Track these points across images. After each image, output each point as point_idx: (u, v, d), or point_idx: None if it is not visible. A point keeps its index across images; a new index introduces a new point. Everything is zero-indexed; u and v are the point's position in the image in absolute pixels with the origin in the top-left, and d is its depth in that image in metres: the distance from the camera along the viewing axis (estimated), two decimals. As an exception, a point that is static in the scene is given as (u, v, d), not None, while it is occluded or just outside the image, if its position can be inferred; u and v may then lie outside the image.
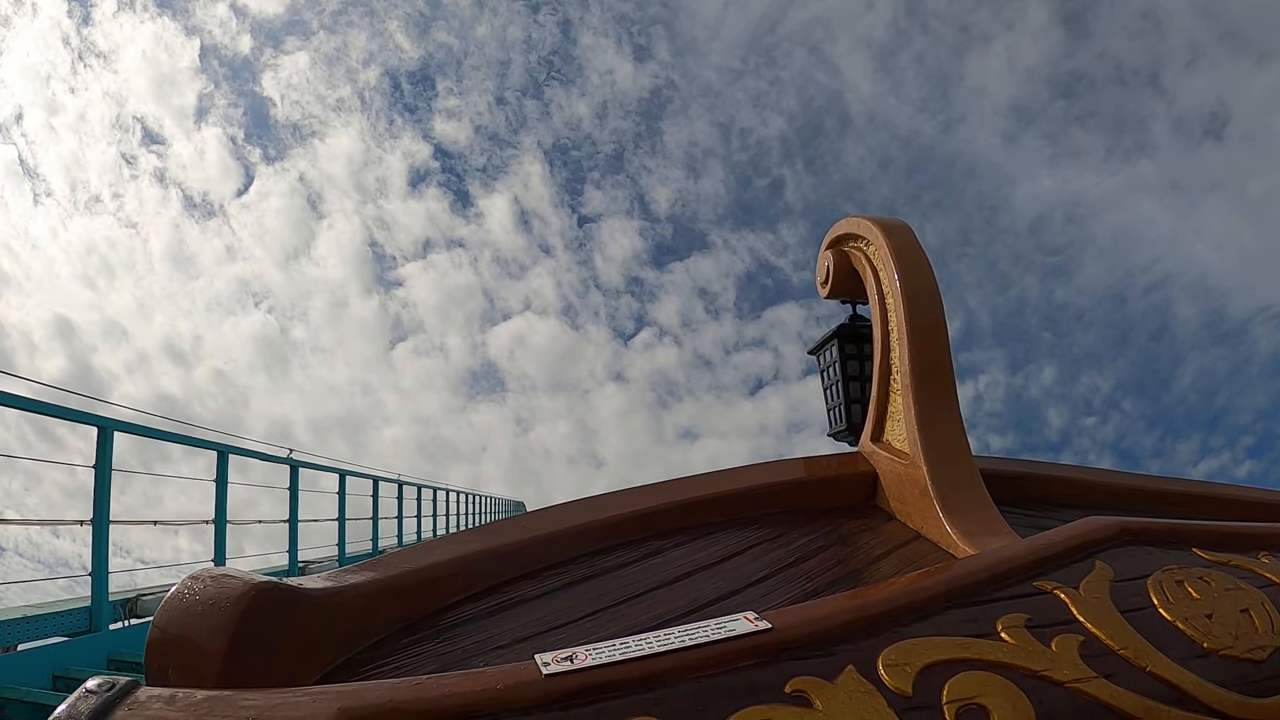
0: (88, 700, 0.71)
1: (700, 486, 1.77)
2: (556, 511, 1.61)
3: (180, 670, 0.99)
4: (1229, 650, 0.90)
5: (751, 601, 1.32)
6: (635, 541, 1.59)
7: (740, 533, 1.66)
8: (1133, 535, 1.12)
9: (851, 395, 2.49)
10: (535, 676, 0.76)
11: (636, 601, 1.33)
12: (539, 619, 1.27)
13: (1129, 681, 0.83)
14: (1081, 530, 1.12)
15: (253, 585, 1.04)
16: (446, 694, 0.73)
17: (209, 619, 1.00)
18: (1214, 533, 1.18)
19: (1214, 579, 1.03)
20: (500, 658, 1.14)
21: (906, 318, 1.81)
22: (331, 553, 10.26)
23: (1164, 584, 1.01)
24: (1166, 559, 1.08)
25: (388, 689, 0.75)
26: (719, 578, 1.43)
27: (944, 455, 1.66)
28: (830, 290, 2.27)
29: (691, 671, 0.78)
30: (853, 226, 2.11)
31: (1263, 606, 0.98)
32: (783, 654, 0.81)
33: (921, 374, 1.77)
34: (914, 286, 1.84)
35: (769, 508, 1.79)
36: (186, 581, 1.06)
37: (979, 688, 0.79)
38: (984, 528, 1.48)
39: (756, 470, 1.89)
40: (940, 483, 1.61)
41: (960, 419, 1.75)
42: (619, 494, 1.71)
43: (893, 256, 1.88)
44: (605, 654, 0.80)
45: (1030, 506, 1.84)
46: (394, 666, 1.13)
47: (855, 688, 0.77)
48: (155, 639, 1.01)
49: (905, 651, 0.82)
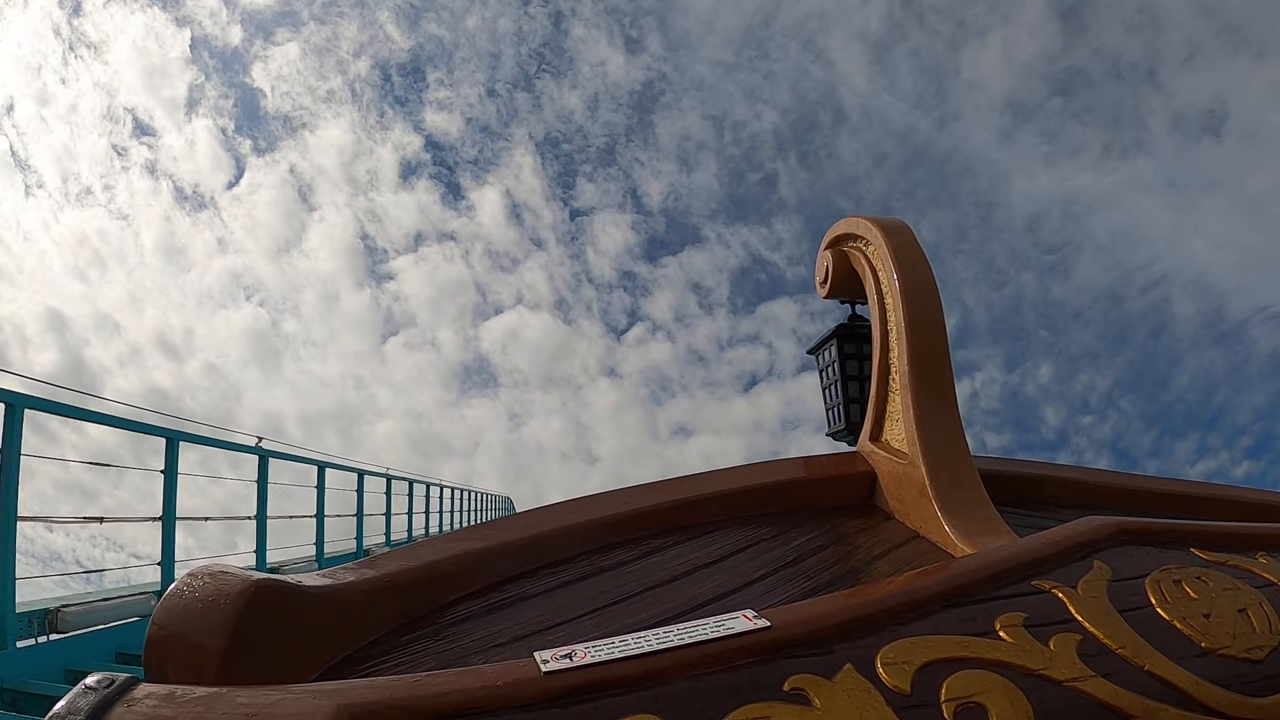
0: (87, 696, 0.71)
1: (699, 485, 1.77)
2: (555, 510, 1.61)
3: (179, 667, 0.99)
4: (1227, 650, 0.90)
5: (750, 600, 1.32)
6: (634, 540, 1.59)
7: (739, 531, 1.66)
8: (1131, 535, 1.13)
9: (850, 395, 2.50)
10: (534, 674, 0.76)
11: (635, 599, 1.33)
12: (538, 617, 1.27)
13: (1127, 680, 0.83)
14: (1080, 530, 1.12)
15: (252, 582, 1.04)
16: (446, 691, 0.74)
17: (208, 616, 1.00)
18: (1212, 533, 1.19)
19: (1212, 579, 1.04)
20: (500, 655, 1.14)
21: (905, 318, 1.81)
22: (309, 552, 9.40)
23: (1162, 583, 1.01)
24: (1164, 559, 1.08)
25: (387, 686, 0.75)
26: (718, 576, 1.43)
27: (943, 455, 1.67)
28: (829, 290, 2.27)
29: (690, 669, 0.78)
30: (852, 226, 2.11)
31: (1260, 606, 0.98)
32: (781, 652, 0.81)
33: (920, 374, 1.77)
34: (913, 286, 1.84)
35: (768, 507, 1.79)
36: (185, 578, 1.06)
37: (977, 686, 0.79)
38: (982, 527, 1.48)
39: (755, 469, 1.89)
40: (939, 482, 1.61)
41: (959, 419, 1.75)
42: (618, 492, 1.71)
43: (892, 256, 1.89)
44: (604, 651, 0.80)
45: (1029, 506, 1.84)
46: (393, 664, 1.13)
47: (854, 686, 0.77)
48: (154, 635, 1.01)
49: (904, 650, 0.83)
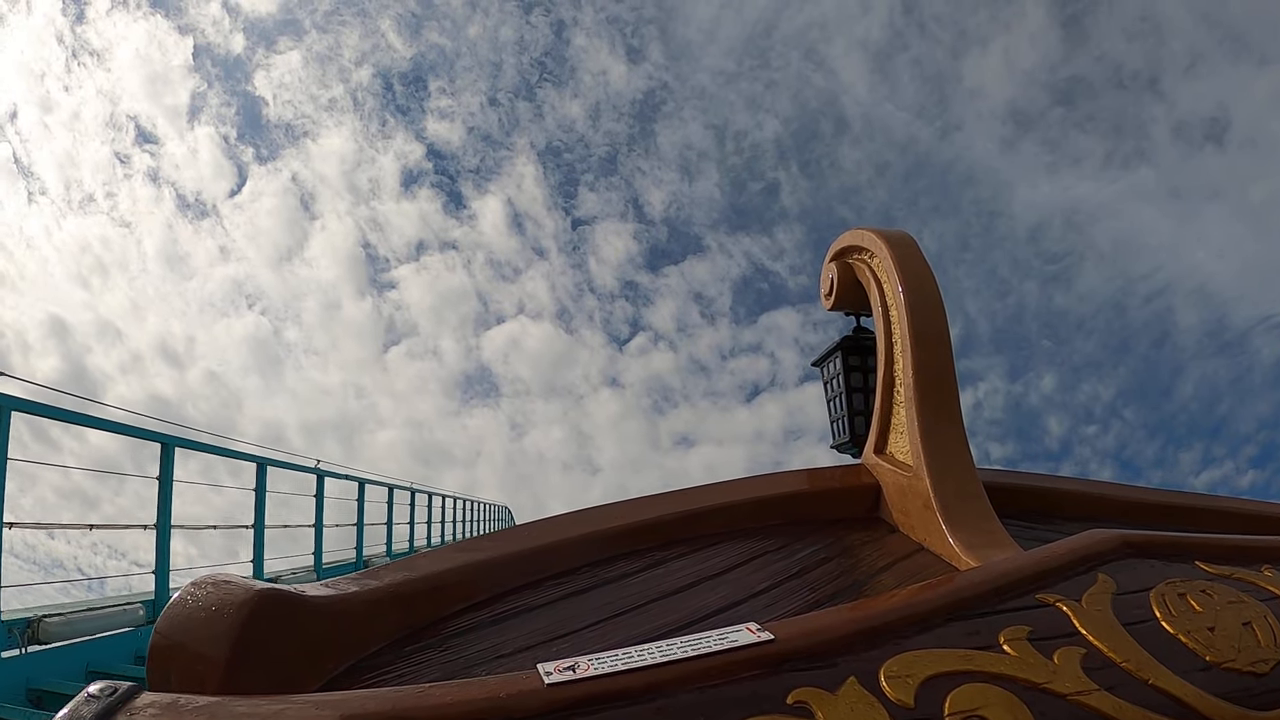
0: (90, 705, 0.71)
1: (703, 497, 1.77)
2: (560, 521, 1.61)
3: (182, 676, 0.99)
4: (1231, 663, 0.89)
5: (754, 612, 1.32)
6: (638, 552, 1.59)
7: (743, 544, 1.66)
8: (1135, 548, 1.12)
9: (855, 407, 2.50)
10: (538, 685, 0.76)
11: (639, 612, 1.33)
12: (542, 628, 1.27)
13: (1131, 694, 0.82)
14: (1084, 543, 1.12)
15: (255, 592, 1.04)
16: (449, 702, 0.74)
17: (211, 625, 1.00)
18: (1217, 545, 1.18)
19: (1217, 592, 1.03)
20: (503, 666, 1.14)
21: (910, 330, 1.82)
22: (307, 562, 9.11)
23: (1166, 597, 1.01)
24: (1169, 571, 1.08)
25: (390, 697, 0.75)
26: (722, 588, 1.42)
27: (947, 468, 1.66)
28: (834, 302, 2.28)
29: (694, 682, 0.78)
30: (856, 239, 2.12)
31: (1265, 620, 0.98)
32: (785, 665, 0.81)
33: (925, 386, 1.77)
34: (917, 299, 1.85)
35: (772, 519, 1.78)
36: (189, 588, 1.06)
37: (981, 700, 0.79)
38: (986, 540, 1.48)
39: (759, 481, 1.89)
40: (943, 495, 1.60)
41: (964, 432, 1.75)
42: (622, 504, 1.71)
43: (896, 269, 1.89)
44: (608, 664, 0.80)
45: (1033, 519, 1.84)
46: (397, 674, 1.13)
47: (857, 699, 0.77)
48: (157, 644, 1.01)
49: (907, 663, 0.82)
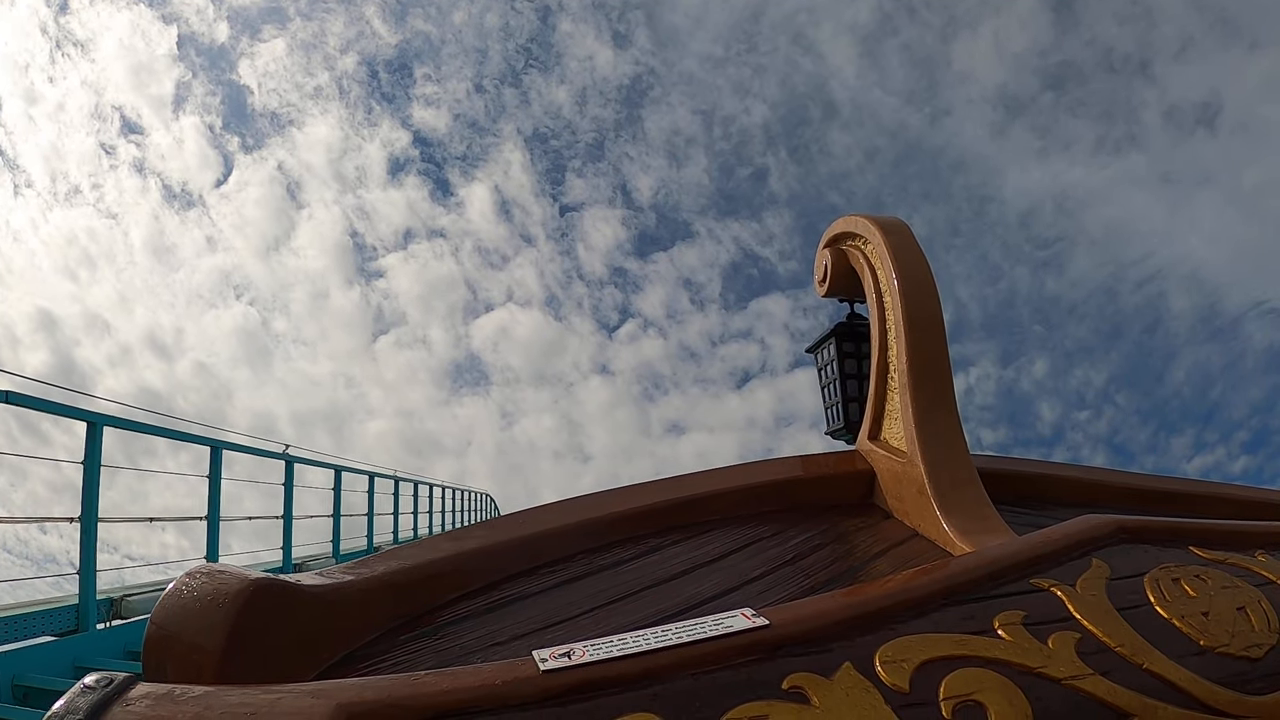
0: (86, 696, 0.71)
1: (697, 484, 1.77)
2: (553, 509, 1.61)
3: (178, 666, 0.99)
4: (1225, 648, 0.90)
5: (749, 598, 1.32)
6: (633, 539, 1.59)
7: (737, 530, 1.66)
8: (1130, 533, 1.13)
9: (849, 393, 2.50)
10: (533, 672, 0.76)
11: (634, 598, 1.33)
12: (537, 616, 1.27)
13: (1125, 678, 0.83)
14: (1079, 528, 1.12)
15: (250, 581, 1.04)
16: (445, 690, 0.74)
17: (206, 615, 1.00)
18: (1211, 531, 1.19)
19: (1211, 577, 1.04)
20: (498, 654, 1.14)
21: (904, 316, 1.81)
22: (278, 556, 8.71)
23: (1161, 582, 1.01)
24: (1163, 557, 1.08)
25: (386, 685, 0.75)
26: (716, 575, 1.43)
27: (941, 453, 1.67)
28: (828, 289, 2.27)
29: (689, 667, 0.78)
30: (850, 225, 2.11)
31: (1259, 604, 0.98)
32: (780, 650, 0.81)
33: (919, 372, 1.77)
34: (912, 285, 1.84)
35: (766, 505, 1.79)
36: (183, 578, 1.06)
37: (976, 684, 0.79)
38: (981, 525, 1.48)
39: (753, 468, 1.89)
40: (938, 481, 1.61)
41: (958, 418, 1.75)
42: (616, 491, 1.71)
43: (890, 255, 1.89)
44: (603, 650, 0.80)
45: (1027, 505, 1.84)
46: (392, 663, 1.13)
47: (852, 684, 0.77)
48: (153, 635, 1.01)
49: (902, 648, 0.82)
